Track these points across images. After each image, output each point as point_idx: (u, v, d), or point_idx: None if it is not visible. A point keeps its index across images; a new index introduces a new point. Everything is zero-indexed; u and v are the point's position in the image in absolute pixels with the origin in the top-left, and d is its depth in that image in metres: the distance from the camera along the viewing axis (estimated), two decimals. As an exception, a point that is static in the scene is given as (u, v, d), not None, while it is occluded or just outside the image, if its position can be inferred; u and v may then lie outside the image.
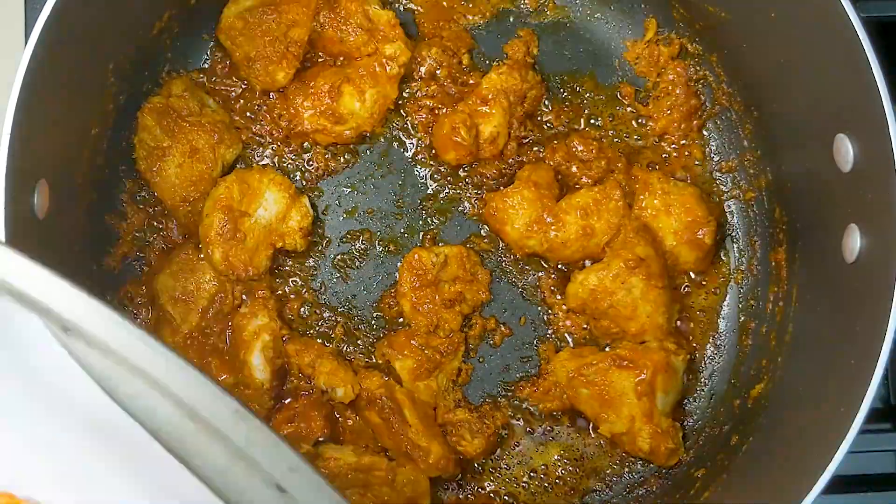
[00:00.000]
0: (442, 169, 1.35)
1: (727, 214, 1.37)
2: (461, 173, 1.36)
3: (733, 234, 1.37)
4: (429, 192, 1.36)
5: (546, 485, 1.30)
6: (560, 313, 1.33)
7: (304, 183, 1.34)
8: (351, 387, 1.25)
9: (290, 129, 1.32)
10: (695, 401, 1.33)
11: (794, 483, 1.02)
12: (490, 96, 1.32)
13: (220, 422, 0.68)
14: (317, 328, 1.32)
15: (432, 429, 1.26)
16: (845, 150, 1.08)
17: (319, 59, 1.35)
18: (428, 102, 1.35)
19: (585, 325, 1.32)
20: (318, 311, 1.32)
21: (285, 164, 1.35)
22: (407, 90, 1.36)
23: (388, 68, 1.31)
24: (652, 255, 1.26)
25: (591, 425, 1.30)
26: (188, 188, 1.28)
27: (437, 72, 1.36)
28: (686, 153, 1.38)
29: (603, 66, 1.39)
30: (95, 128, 1.22)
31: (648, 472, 1.31)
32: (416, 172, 1.36)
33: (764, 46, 1.23)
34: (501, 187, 1.33)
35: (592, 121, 1.38)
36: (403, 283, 1.29)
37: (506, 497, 1.30)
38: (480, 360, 1.33)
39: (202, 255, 1.28)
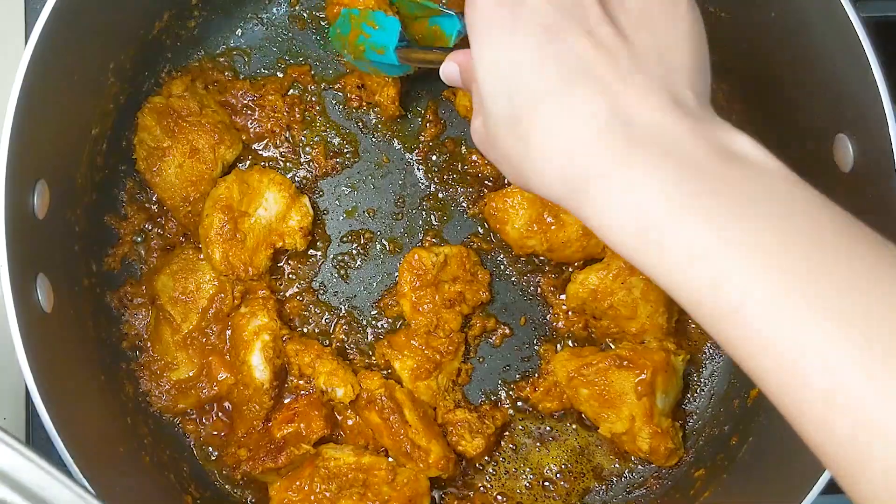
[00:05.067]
0: (442, 169, 1.35)
1: (727, 214, 1.37)
2: (461, 173, 1.36)
3: (733, 234, 1.36)
4: (429, 192, 1.35)
5: (545, 485, 1.30)
6: (560, 313, 1.33)
7: (304, 183, 1.34)
8: (351, 387, 1.25)
9: None
10: (695, 401, 1.33)
11: (794, 483, 1.01)
12: (490, 96, 1.32)
13: None
14: (317, 328, 1.32)
15: (432, 429, 1.26)
16: (845, 150, 1.07)
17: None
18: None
19: (585, 325, 1.32)
20: (318, 311, 1.32)
21: (286, 164, 1.35)
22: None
23: None
24: (652, 255, 1.26)
25: (591, 425, 1.30)
26: (188, 188, 1.28)
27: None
28: (686, 153, 1.37)
29: (603, 66, 1.39)
30: (95, 128, 1.22)
31: (648, 472, 1.31)
32: (416, 172, 1.36)
33: (764, 46, 1.23)
34: (502, 187, 1.33)
35: (592, 121, 1.38)
36: (403, 283, 1.29)
37: (505, 497, 1.30)
38: (480, 360, 1.33)
39: (202, 255, 1.28)
